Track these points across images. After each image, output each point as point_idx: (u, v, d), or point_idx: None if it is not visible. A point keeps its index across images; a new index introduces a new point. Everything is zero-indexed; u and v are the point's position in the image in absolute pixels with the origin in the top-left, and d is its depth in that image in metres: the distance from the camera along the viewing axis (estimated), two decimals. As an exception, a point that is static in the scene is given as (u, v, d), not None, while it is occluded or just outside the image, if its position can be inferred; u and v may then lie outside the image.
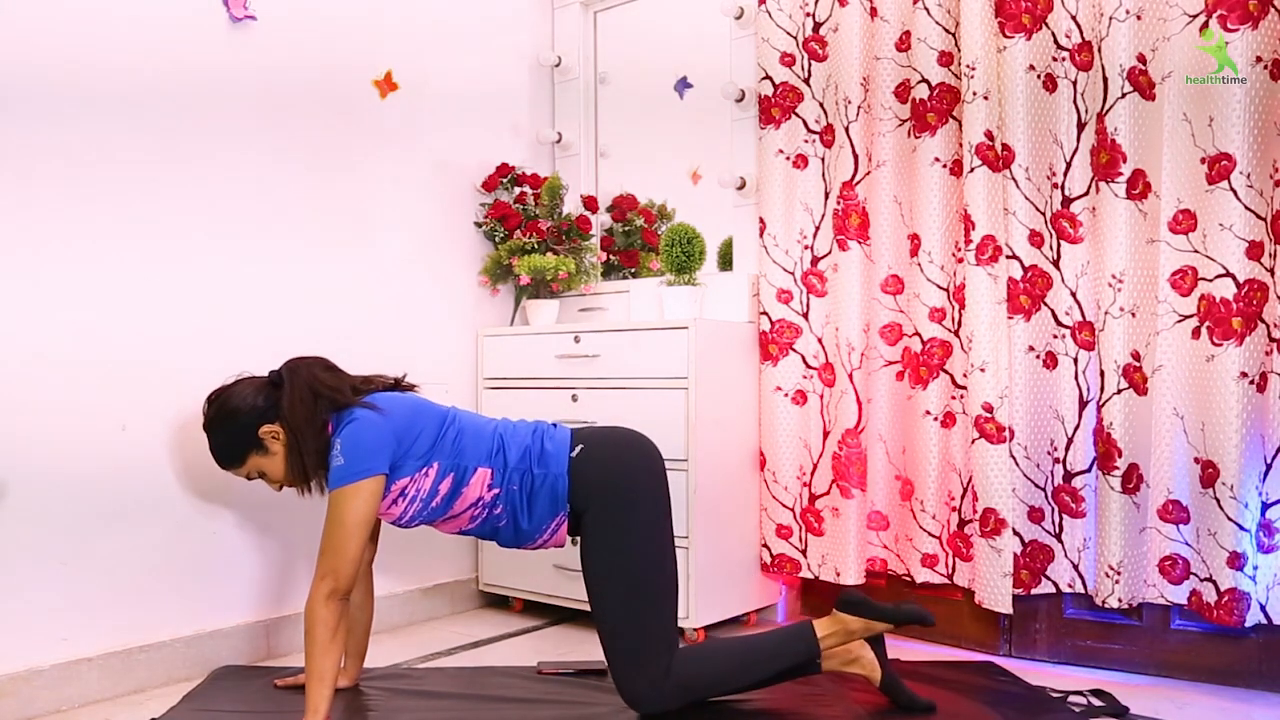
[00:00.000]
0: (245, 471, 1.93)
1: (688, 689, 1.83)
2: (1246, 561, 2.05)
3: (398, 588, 2.74)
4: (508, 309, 3.11)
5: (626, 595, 1.82)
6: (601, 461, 1.87)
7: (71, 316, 2.10)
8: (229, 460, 1.92)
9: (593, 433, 1.94)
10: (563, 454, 1.87)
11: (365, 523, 1.75)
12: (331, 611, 1.71)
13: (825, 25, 2.65)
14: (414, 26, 2.85)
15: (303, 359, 1.93)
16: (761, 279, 2.71)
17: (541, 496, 1.85)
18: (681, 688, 1.82)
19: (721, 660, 1.87)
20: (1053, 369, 2.34)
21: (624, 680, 1.82)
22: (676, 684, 1.81)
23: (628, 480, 1.87)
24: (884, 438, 2.57)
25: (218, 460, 1.94)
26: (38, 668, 2.02)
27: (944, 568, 2.47)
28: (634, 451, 1.91)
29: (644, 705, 1.82)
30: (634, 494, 1.86)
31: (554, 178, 3.02)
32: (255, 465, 1.91)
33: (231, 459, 1.92)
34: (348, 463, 1.75)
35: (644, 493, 1.87)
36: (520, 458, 1.86)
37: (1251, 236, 2.05)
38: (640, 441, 1.94)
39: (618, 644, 1.82)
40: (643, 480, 1.88)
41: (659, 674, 1.80)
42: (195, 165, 2.32)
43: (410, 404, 1.88)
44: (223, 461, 1.93)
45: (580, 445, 1.89)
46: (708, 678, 1.85)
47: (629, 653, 1.81)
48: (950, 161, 2.44)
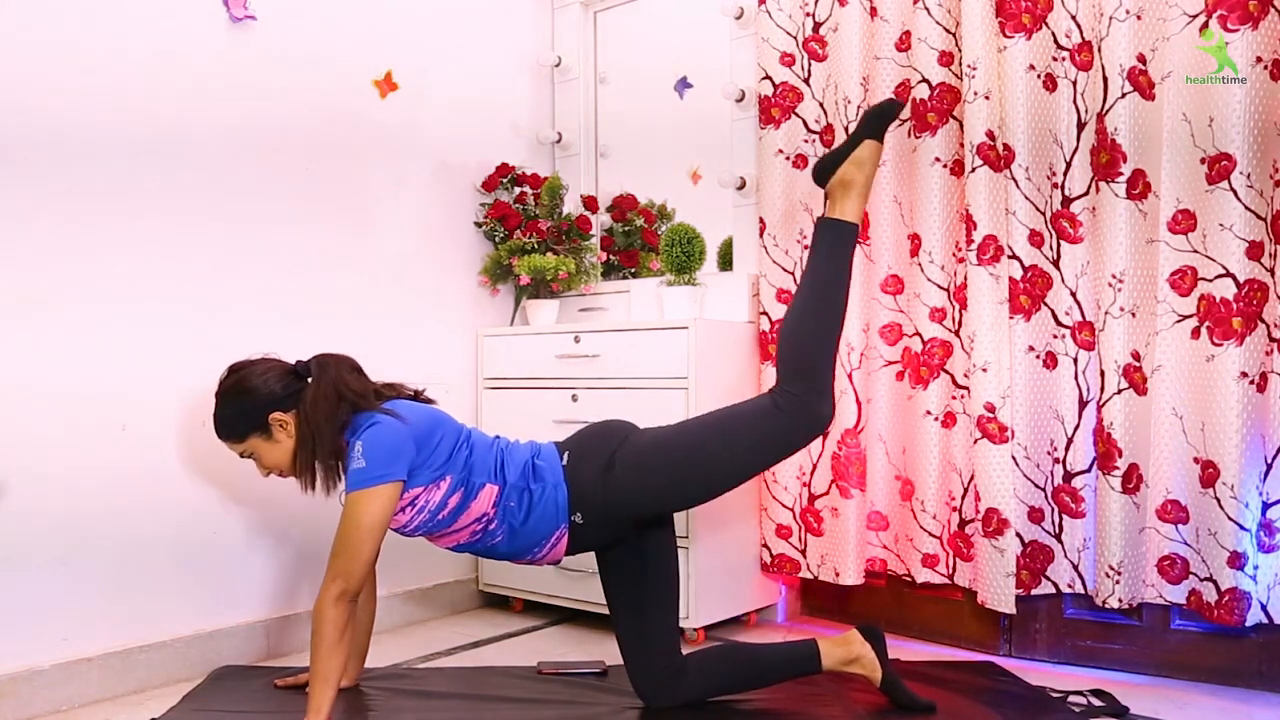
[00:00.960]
0: (240, 449, 1.91)
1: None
2: (1247, 561, 2.05)
3: (398, 588, 2.74)
4: (508, 309, 3.11)
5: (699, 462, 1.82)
6: (589, 452, 1.88)
7: (71, 316, 2.10)
8: (229, 434, 1.90)
9: (571, 438, 1.95)
10: (555, 465, 1.88)
11: (380, 527, 1.75)
12: (340, 613, 1.71)
13: (825, 25, 2.65)
14: (414, 26, 2.85)
15: (331, 356, 1.91)
16: (761, 279, 2.71)
17: (539, 511, 1.85)
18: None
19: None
20: (1053, 369, 2.34)
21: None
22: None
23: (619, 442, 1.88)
24: (884, 438, 2.57)
25: (218, 430, 1.91)
26: (38, 668, 2.02)
27: (944, 568, 2.47)
28: (605, 427, 1.94)
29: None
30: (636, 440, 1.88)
31: (554, 178, 3.02)
32: (253, 446, 1.89)
33: (232, 434, 1.90)
34: (369, 465, 1.74)
35: (637, 433, 1.90)
36: (519, 475, 1.87)
37: (1252, 236, 2.05)
38: (607, 422, 1.97)
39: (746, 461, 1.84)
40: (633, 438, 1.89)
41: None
42: (195, 164, 2.32)
43: (431, 416, 1.88)
44: (222, 433, 1.91)
45: (566, 452, 1.90)
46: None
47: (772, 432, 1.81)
48: (951, 161, 2.44)
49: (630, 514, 1.86)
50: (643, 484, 1.83)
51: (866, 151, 1.85)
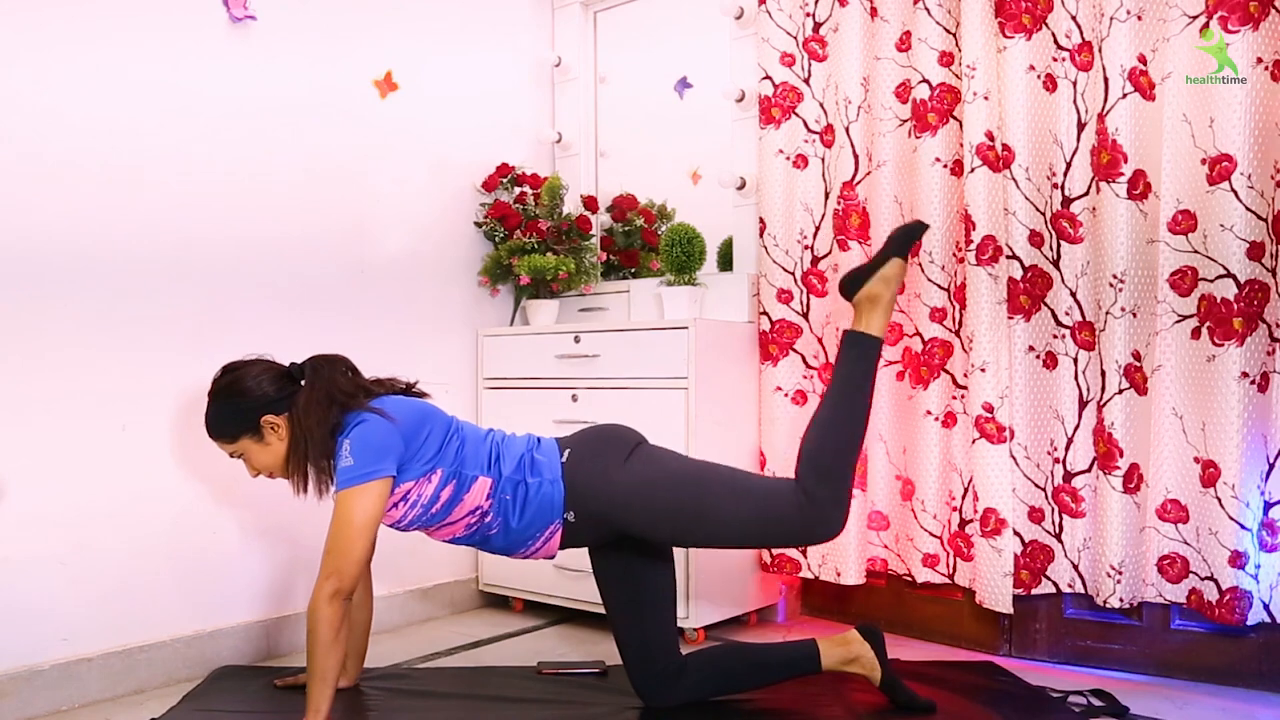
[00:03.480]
0: (231, 449, 1.90)
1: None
2: (1248, 560, 2.05)
3: (398, 588, 2.74)
4: (508, 309, 3.11)
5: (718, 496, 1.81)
6: (593, 454, 1.87)
7: (71, 315, 2.10)
8: (220, 434, 1.89)
9: (573, 436, 1.95)
10: (554, 461, 1.87)
11: (372, 524, 1.75)
12: (335, 611, 1.71)
13: (825, 25, 2.65)
14: (414, 26, 2.85)
15: (326, 358, 1.91)
16: (761, 279, 2.71)
17: (534, 505, 1.85)
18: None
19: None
20: (1053, 369, 2.34)
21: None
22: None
23: (624, 452, 1.87)
24: (884, 437, 2.57)
25: (209, 429, 1.90)
26: (38, 668, 2.02)
27: (945, 567, 2.47)
28: (612, 433, 1.93)
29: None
30: (638, 453, 1.87)
31: (554, 178, 3.02)
32: (244, 448, 1.88)
33: (223, 434, 1.88)
34: (357, 463, 1.74)
35: (644, 448, 1.90)
36: (515, 468, 1.87)
37: (1252, 237, 2.05)
38: (614, 426, 1.97)
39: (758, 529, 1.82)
40: (636, 446, 1.89)
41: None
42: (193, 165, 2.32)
43: (419, 409, 1.87)
44: (213, 433, 1.90)
45: (567, 450, 1.90)
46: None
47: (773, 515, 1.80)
48: (951, 161, 2.44)
49: (620, 528, 1.86)
50: (642, 507, 1.82)
51: (893, 269, 1.88)
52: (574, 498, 1.84)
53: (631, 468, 1.84)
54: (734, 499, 1.80)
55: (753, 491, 1.82)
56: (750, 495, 1.81)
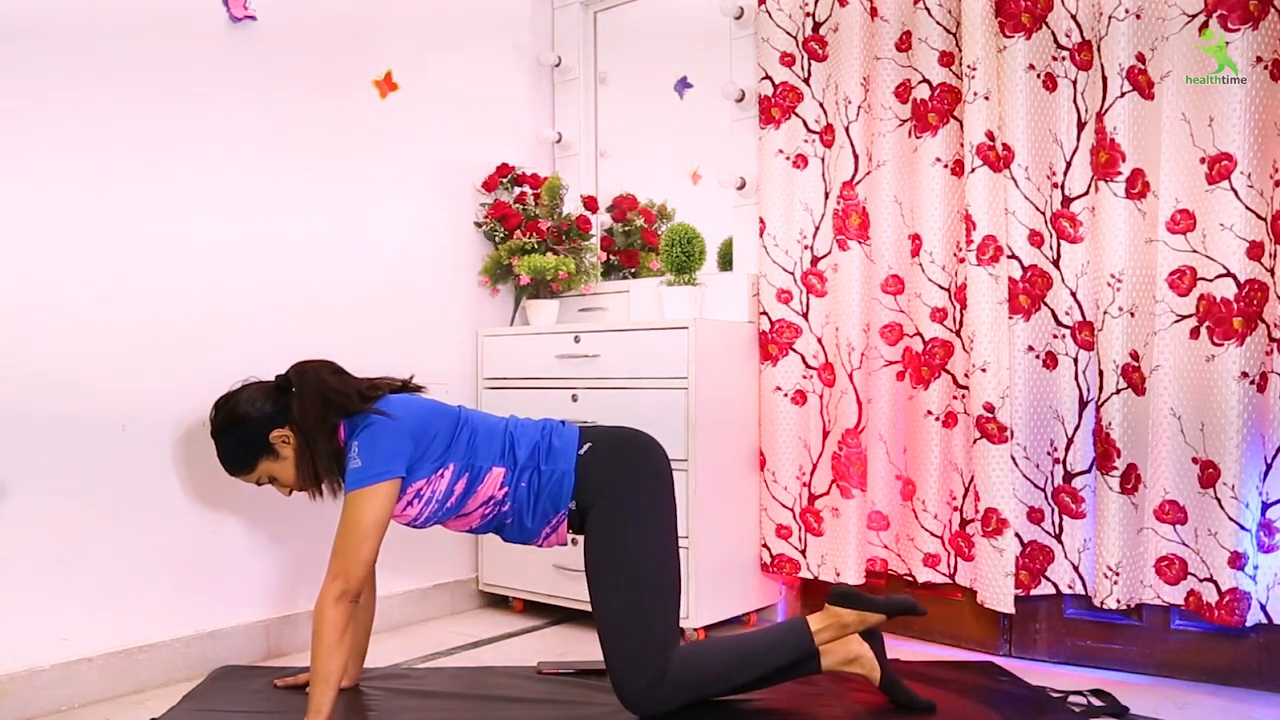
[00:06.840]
0: (255, 477, 1.91)
1: (684, 686, 1.81)
2: (1247, 561, 2.05)
3: (398, 588, 2.74)
4: (508, 309, 3.11)
5: (627, 594, 1.81)
6: (608, 460, 1.88)
7: (71, 315, 2.10)
8: (239, 466, 1.90)
9: (602, 431, 1.94)
10: (570, 451, 1.88)
11: (380, 525, 1.75)
12: (341, 613, 1.72)
13: (825, 25, 2.65)
14: (414, 26, 2.85)
15: (309, 363, 1.92)
16: (761, 279, 2.71)
17: (547, 493, 1.86)
18: (677, 685, 1.80)
19: (716, 657, 1.87)
20: (1053, 369, 2.34)
21: (621, 680, 1.81)
22: (673, 683, 1.80)
23: (633, 480, 1.87)
24: (884, 438, 2.57)
25: (227, 467, 1.92)
26: (38, 668, 2.02)
27: (945, 567, 2.47)
28: (642, 452, 1.92)
29: (641, 706, 1.81)
30: (639, 494, 1.86)
31: (554, 178, 3.02)
32: (266, 470, 1.89)
33: (241, 465, 1.90)
34: (365, 465, 1.75)
35: (649, 493, 1.88)
36: (529, 455, 1.87)
37: (1252, 236, 2.05)
38: (648, 443, 1.95)
39: (617, 643, 1.81)
40: (649, 481, 1.89)
41: (656, 675, 1.79)
42: (194, 166, 2.32)
43: (424, 406, 1.88)
44: (232, 468, 1.91)
45: (589, 443, 1.90)
46: (703, 676, 1.84)
47: (627, 652, 1.80)
48: (951, 161, 2.44)
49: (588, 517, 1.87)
50: (620, 528, 1.84)
51: (875, 620, 1.93)
52: (580, 489, 1.86)
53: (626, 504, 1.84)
54: (638, 609, 1.81)
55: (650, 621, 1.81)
56: (644, 620, 1.81)
